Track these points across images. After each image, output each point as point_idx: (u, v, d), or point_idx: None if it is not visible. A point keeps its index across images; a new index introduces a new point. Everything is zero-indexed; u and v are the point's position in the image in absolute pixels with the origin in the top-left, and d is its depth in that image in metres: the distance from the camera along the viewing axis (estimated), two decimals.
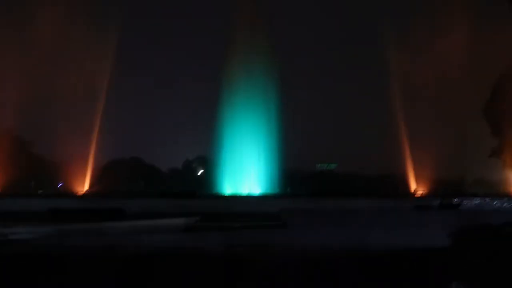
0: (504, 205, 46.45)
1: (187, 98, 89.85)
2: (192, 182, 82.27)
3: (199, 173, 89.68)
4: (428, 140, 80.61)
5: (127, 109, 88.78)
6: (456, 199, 44.49)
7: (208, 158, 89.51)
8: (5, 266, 17.91)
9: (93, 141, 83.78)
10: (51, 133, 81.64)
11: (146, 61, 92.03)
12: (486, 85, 73.70)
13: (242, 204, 45.96)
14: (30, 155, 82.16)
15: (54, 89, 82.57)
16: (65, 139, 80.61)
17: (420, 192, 67.97)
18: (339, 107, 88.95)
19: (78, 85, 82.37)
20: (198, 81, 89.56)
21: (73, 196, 66.11)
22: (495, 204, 46.41)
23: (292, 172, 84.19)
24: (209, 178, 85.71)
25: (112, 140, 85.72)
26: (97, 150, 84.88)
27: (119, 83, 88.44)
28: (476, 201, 47.76)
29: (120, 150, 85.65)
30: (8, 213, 35.03)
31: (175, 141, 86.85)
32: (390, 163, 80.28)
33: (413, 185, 74.50)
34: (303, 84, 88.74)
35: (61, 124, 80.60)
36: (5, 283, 16.42)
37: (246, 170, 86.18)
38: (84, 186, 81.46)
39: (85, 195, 65.12)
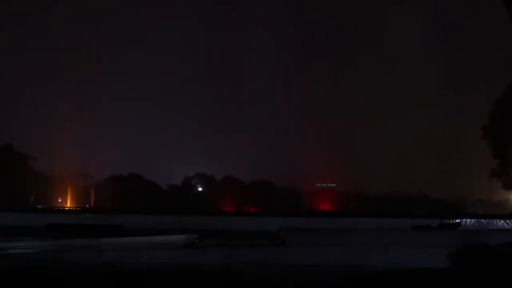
0: (504, 225, 46.35)
1: (187, 113, 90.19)
2: (192, 199, 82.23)
3: (199, 190, 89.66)
4: (428, 160, 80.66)
5: (127, 125, 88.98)
6: (455, 220, 44.43)
7: (207, 175, 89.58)
8: (3, 281, 17.91)
9: (93, 156, 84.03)
10: (51, 148, 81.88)
11: (148, 77, 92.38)
12: (488, 104, 73.60)
13: (241, 221, 45.84)
14: (30, 170, 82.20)
15: (55, 104, 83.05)
16: (65, 155, 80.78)
17: (419, 212, 68.02)
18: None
19: (78, 100, 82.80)
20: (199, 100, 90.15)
21: (72, 211, 65.98)
22: (494, 224, 46.32)
23: (292, 191, 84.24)
24: (209, 195, 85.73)
25: (112, 156, 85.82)
26: (97, 165, 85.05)
27: (119, 98, 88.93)
28: (476, 221, 47.63)
29: (120, 166, 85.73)
30: (7, 227, 35.05)
31: (175, 157, 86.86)
32: (389, 183, 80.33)
33: (412, 205, 74.42)
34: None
35: (61, 140, 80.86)
36: None
37: (246, 187, 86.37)
38: (84, 201, 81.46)
39: (85, 210, 64.98)
